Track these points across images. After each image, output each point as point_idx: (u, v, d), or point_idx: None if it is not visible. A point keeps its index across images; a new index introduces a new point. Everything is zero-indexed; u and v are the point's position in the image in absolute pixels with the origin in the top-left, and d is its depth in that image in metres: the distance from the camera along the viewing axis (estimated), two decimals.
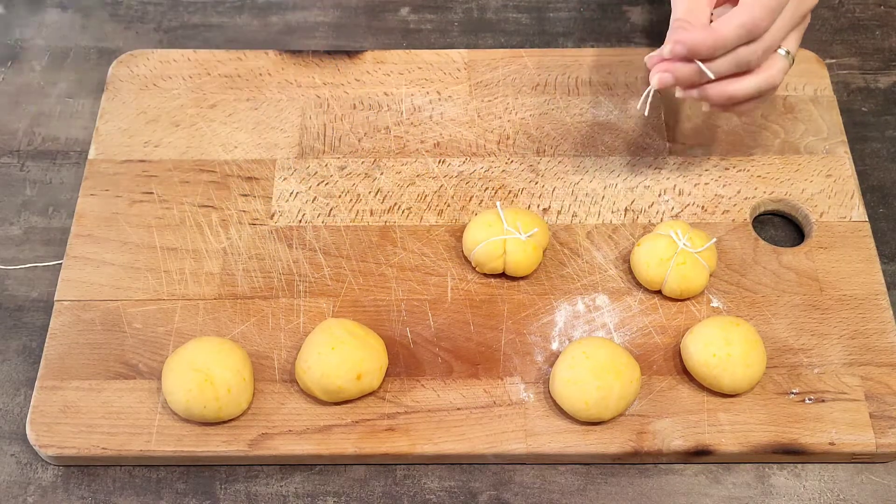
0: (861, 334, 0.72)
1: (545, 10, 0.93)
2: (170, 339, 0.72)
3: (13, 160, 0.83)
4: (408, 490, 0.68)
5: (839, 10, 0.94)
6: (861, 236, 0.77)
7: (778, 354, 0.71)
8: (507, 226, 0.73)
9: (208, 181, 0.79)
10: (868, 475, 0.69)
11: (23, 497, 0.68)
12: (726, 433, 0.68)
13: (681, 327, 0.72)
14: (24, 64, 0.89)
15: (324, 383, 0.67)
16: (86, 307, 0.73)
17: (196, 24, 0.92)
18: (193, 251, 0.76)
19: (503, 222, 0.73)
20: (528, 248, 0.72)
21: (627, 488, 0.68)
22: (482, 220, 0.74)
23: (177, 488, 0.68)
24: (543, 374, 0.70)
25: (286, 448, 0.67)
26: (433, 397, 0.69)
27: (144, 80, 0.85)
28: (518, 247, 0.72)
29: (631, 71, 0.86)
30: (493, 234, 0.73)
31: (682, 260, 0.71)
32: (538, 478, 0.68)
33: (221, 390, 0.66)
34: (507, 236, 0.72)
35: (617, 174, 0.80)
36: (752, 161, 0.81)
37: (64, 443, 0.67)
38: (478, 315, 0.73)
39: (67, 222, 0.79)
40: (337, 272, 0.75)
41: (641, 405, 0.69)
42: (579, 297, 0.74)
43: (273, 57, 0.87)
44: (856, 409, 0.69)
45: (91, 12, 0.93)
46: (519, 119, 0.83)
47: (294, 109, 0.84)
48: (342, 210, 0.78)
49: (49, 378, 0.70)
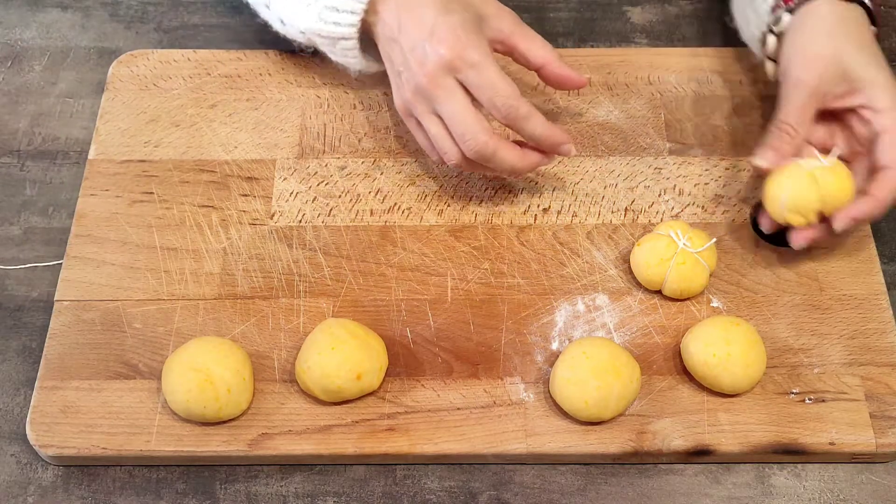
0: (861, 334, 0.72)
1: (545, 10, 0.93)
2: (170, 339, 0.72)
3: (13, 160, 0.83)
4: (408, 490, 0.68)
5: None
6: (861, 236, 0.77)
7: (778, 354, 0.71)
8: (807, 159, 0.71)
9: (208, 181, 0.79)
10: (868, 475, 0.69)
11: (23, 497, 0.68)
12: (726, 433, 0.68)
13: (681, 327, 0.72)
14: (24, 64, 0.89)
15: (324, 383, 0.67)
16: (86, 307, 0.73)
17: (196, 24, 0.92)
18: (193, 251, 0.76)
19: (801, 162, 0.71)
20: (837, 170, 0.70)
21: (627, 488, 0.68)
22: (779, 169, 0.71)
23: (177, 488, 0.68)
24: (543, 374, 0.70)
25: (286, 448, 0.67)
26: (433, 397, 0.69)
27: (144, 80, 0.85)
28: (827, 173, 0.70)
29: (631, 71, 0.86)
30: (797, 172, 0.70)
31: (682, 260, 0.71)
32: (538, 478, 0.68)
33: (221, 390, 0.66)
34: (813, 167, 0.70)
35: (617, 174, 0.80)
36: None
37: (64, 443, 0.67)
38: (478, 315, 0.73)
39: (67, 222, 0.79)
40: (337, 272, 0.75)
41: (641, 405, 0.69)
42: (579, 297, 0.74)
43: (273, 57, 0.87)
44: (856, 409, 0.69)
45: (91, 12, 0.93)
46: None
47: (294, 109, 0.84)
48: (342, 210, 0.78)
49: (49, 378, 0.70)
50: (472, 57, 0.70)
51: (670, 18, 0.92)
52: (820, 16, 0.73)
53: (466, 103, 0.71)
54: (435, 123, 0.72)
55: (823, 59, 0.72)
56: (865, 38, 0.73)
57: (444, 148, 0.73)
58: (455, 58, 0.69)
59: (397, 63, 0.73)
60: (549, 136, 0.73)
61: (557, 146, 0.73)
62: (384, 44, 0.74)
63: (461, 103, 0.70)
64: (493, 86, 0.70)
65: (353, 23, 0.74)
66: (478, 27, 0.72)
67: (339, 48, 0.77)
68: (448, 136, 0.72)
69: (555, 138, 0.73)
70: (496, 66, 0.70)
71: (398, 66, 0.73)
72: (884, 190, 0.69)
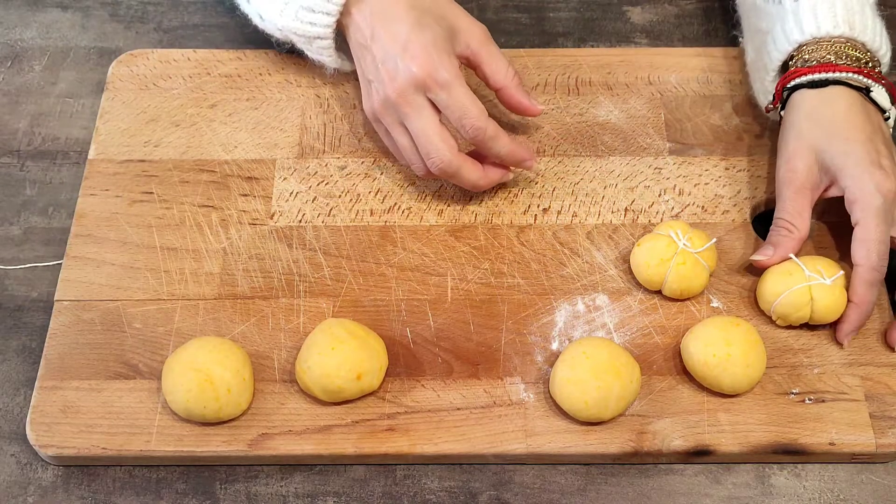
0: (861, 334, 0.72)
1: (545, 10, 0.93)
2: (170, 339, 0.72)
3: (13, 160, 0.83)
4: (408, 490, 0.68)
5: None
6: None
7: (778, 354, 0.71)
8: (809, 272, 0.70)
9: (208, 181, 0.79)
10: (868, 475, 0.69)
11: (23, 497, 0.68)
12: (726, 433, 0.68)
13: (681, 327, 0.72)
14: (24, 64, 0.89)
15: (324, 383, 0.67)
16: (86, 307, 0.73)
17: (196, 24, 0.92)
18: (193, 251, 0.76)
19: (804, 269, 0.70)
20: (835, 291, 0.70)
21: (627, 488, 0.68)
22: (779, 270, 0.71)
23: (177, 488, 0.68)
24: (543, 374, 0.70)
25: (286, 448, 0.67)
26: (433, 397, 0.69)
27: (144, 80, 0.85)
28: (825, 292, 0.69)
29: (631, 71, 0.86)
30: (795, 282, 0.70)
31: (682, 260, 0.71)
32: (538, 478, 0.68)
33: (221, 390, 0.66)
34: (811, 282, 0.69)
35: (617, 174, 0.80)
36: (752, 161, 0.81)
37: (64, 443, 0.67)
38: (478, 315, 0.73)
39: (67, 222, 0.79)
40: (337, 272, 0.75)
41: (641, 405, 0.69)
42: (579, 297, 0.74)
43: (273, 57, 0.87)
44: (856, 409, 0.69)
45: (91, 12, 0.93)
46: (519, 119, 0.83)
47: (294, 109, 0.84)
48: (342, 210, 0.78)
49: (49, 378, 0.70)
50: (443, 77, 0.71)
51: (670, 18, 0.92)
52: (796, 107, 0.74)
53: (434, 122, 0.72)
54: (402, 135, 0.74)
55: (801, 153, 0.72)
56: (840, 124, 0.72)
57: (411, 160, 0.75)
58: (426, 77, 0.71)
59: (368, 71, 0.74)
60: (514, 154, 0.75)
61: (521, 163, 0.76)
62: (356, 49, 0.76)
63: (428, 121, 0.72)
64: (463, 107, 0.71)
65: (327, 24, 0.76)
66: (449, 44, 0.73)
67: (314, 47, 0.79)
68: (415, 150, 0.74)
69: (518, 155, 0.75)
70: (465, 86, 0.72)
71: (368, 74, 0.74)
72: (858, 292, 0.69)
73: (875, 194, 0.69)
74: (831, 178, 0.72)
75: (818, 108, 0.73)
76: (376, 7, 0.73)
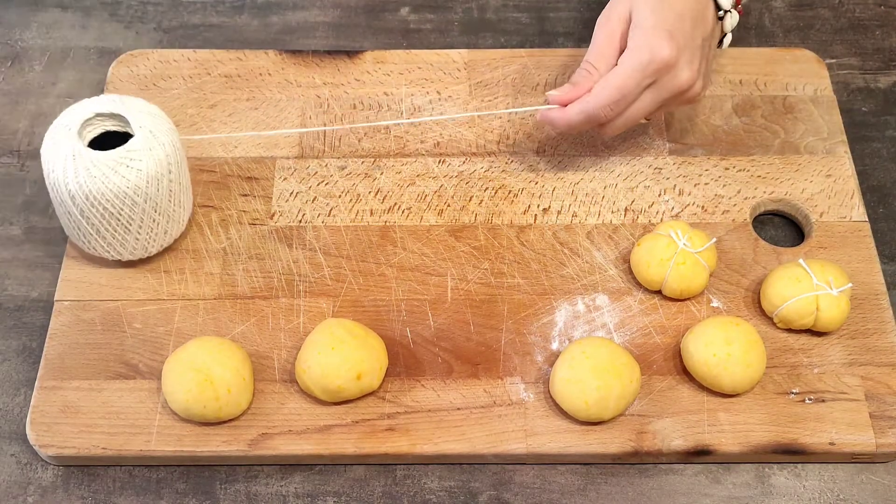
0: (861, 334, 0.72)
1: (545, 10, 0.93)
2: (170, 339, 0.72)
3: (13, 160, 0.83)
4: (408, 490, 0.68)
5: (839, 10, 0.94)
6: (861, 236, 0.77)
7: (778, 354, 0.71)
8: (818, 280, 0.70)
9: (208, 181, 0.79)
10: (868, 475, 0.69)
11: (23, 497, 0.68)
12: (726, 433, 0.68)
13: (681, 327, 0.72)
14: (24, 64, 0.89)
15: (324, 383, 0.67)
16: (86, 307, 0.73)
17: (196, 24, 0.92)
18: (193, 251, 0.76)
19: (812, 277, 0.70)
20: (841, 303, 0.70)
21: (627, 488, 0.68)
22: (787, 275, 0.71)
23: (177, 488, 0.68)
24: (543, 374, 0.70)
25: (286, 448, 0.67)
26: (433, 397, 0.69)
27: (144, 80, 0.85)
28: (831, 303, 0.70)
29: None
30: (803, 290, 0.70)
31: (682, 260, 0.71)
32: (538, 478, 0.68)
33: (221, 390, 0.66)
34: (819, 292, 0.69)
35: (617, 174, 0.80)
36: (752, 161, 0.81)
37: (64, 443, 0.67)
38: (478, 315, 0.73)
39: None
40: (337, 272, 0.75)
41: (641, 405, 0.69)
42: (579, 297, 0.74)
43: (273, 57, 0.87)
44: (856, 409, 0.69)
45: (91, 12, 0.93)
46: (519, 119, 0.83)
47: (294, 109, 0.84)
48: (342, 210, 0.78)
49: (49, 378, 0.70)
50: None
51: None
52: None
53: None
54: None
55: (621, 4, 0.74)
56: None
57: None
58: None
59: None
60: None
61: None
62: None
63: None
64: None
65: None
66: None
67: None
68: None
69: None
70: None
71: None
72: (583, 105, 0.73)
73: (645, 50, 0.71)
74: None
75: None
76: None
